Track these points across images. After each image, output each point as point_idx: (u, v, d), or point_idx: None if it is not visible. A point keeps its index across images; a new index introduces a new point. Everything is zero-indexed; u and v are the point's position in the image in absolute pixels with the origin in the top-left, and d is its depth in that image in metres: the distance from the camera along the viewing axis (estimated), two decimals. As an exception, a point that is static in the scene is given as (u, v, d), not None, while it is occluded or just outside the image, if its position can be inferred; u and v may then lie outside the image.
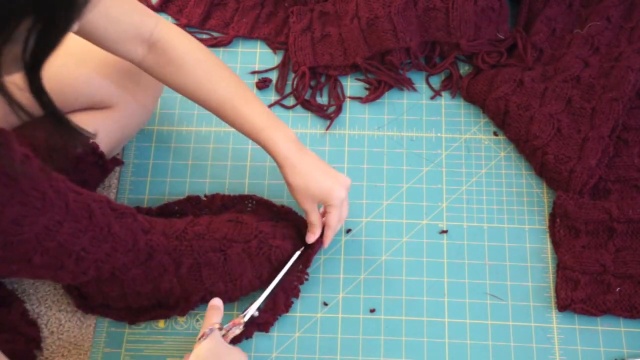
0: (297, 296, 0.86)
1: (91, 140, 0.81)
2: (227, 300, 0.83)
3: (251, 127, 0.78)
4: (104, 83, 0.81)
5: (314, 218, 0.82)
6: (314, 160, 0.81)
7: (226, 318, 0.85)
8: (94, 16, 0.65)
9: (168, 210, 0.89)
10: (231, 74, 0.79)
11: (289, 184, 0.80)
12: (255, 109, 0.78)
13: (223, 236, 0.81)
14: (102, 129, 0.82)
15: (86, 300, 0.83)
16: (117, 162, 0.89)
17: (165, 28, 0.74)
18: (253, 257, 0.81)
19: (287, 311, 0.85)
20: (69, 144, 0.75)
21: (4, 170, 0.56)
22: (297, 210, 0.89)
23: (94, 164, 0.84)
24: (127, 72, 0.82)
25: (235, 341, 0.81)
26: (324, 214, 0.83)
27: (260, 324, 0.83)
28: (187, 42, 0.76)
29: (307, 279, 0.86)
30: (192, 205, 0.89)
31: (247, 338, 0.83)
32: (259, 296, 0.82)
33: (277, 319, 0.84)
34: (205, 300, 0.83)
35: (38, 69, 0.45)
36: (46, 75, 0.66)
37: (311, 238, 0.83)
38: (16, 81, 0.45)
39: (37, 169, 0.60)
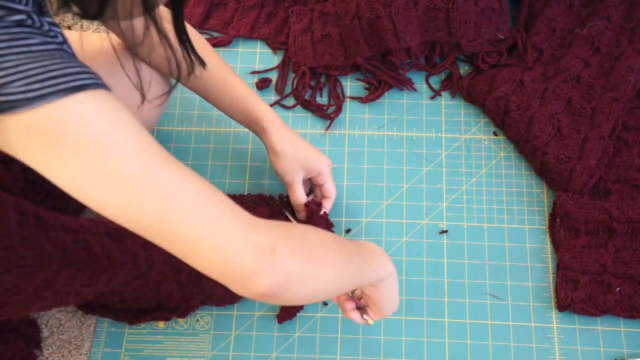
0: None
1: None
2: (228, 303, 0.83)
3: (239, 95, 0.79)
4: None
5: (301, 192, 0.81)
6: (294, 131, 0.82)
7: (225, 319, 0.85)
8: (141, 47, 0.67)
9: None
10: (210, 46, 0.81)
11: (275, 151, 0.79)
12: (239, 78, 0.80)
13: None
14: None
15: (86, 301, 0.83)
16: None
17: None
18: None
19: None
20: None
21: (1, 241, 0.55)
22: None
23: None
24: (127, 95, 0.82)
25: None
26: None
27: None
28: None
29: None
30: None
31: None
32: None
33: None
34: (205, 303, 0.83)
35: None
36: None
37: (300, 214, 0.83)
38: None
39: (33, 225, 0.60)
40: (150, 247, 0.76)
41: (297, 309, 0.85)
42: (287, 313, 0.84)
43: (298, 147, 0.80)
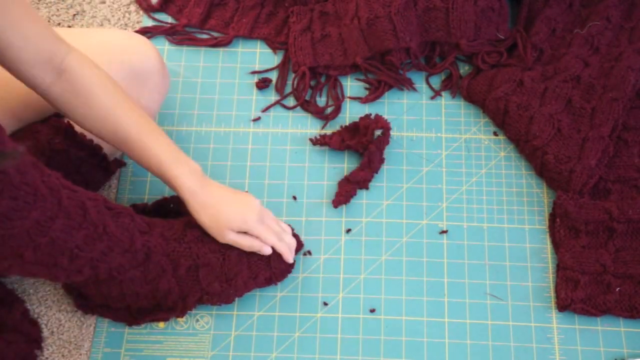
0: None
1: (94, 142, 0.81)
2: (223, 301, 0.83)
3: (157, 161, 0.76)
4: None
5: (245, 241, 0.80)
6: (219, 190, 0.79)
7: (225, 319, 0.85)
8: (10, 33, 0.64)
9: (164, 205, 0.89)
10: (137, 107, 0.77)
11: (200, 223, 0.79)
12: (162, 142, 0.77)
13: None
14: None
15: (86, 300, 0.83)
16: (119, 163, 0.89)
17: (76, 57, 0.71)
18: (250, 257, 0.82)
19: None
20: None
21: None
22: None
23: (96, 166, 0.84)
24: (133, 74, 0.82)
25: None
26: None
27: (360, 181, 0.91)
28: (97, 72, 0.73)
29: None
30: None
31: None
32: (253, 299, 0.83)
33: (373, 176, 0.92)
34: (202, 301, 0.83)
35: None
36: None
37: (266, 250, 0.81)
38: None
39: (30, 164, 0.60)
40: (148, 231, 0.77)
41: (351, 194, 0.91)
42: (342, 197, 0.90)
43: (219, 213, 0.78)
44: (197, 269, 0.80)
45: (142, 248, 0.75)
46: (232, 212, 0.78)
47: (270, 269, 0.83)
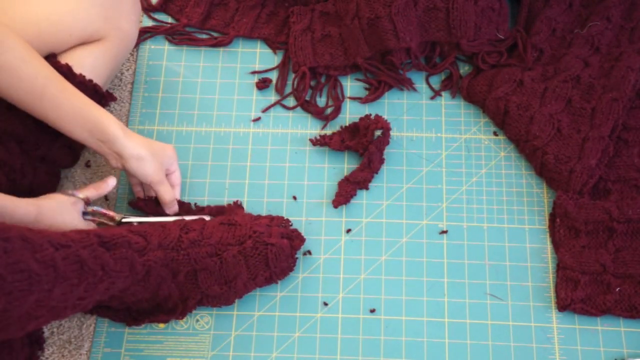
0: None
1: (87, 78, 0.83)
2: (223, 303, 0.84)
3: (82, 103, 0.77)
4: (91, 15, 0.82)
5: (171, 191, 0.85)
6: (139, 135, 0.83)
7: (225, 319, 0.86)
8: None
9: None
10: (43, 59, 0.77)
11: (136, 156, 0.80)
12: (79, 91, 0.78)
13: (218, 240, 0.81)
14: (98, 62, 0.84)
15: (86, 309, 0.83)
16: (111, 97, 0.90)
17: None
18: (248, 258, 0.81)
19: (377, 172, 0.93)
20: None
21: None
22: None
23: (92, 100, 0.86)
24: (107, 2, 0.83)
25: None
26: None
27: (360, 182, 0.91)
28: (17, 42, 0.73)
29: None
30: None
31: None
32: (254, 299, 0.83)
33: (373, 176, 0.93)
34: (202, 303, 0.83)
35: None
36: (37, 17, 0.68)
37: (172, 209, 0.86)
38: None
39: (19, 248, 0.58)
40: (145, 247, 0.76)
41: (351, 194, 0.91)
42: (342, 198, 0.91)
43: (151, 146, 0.82)
44: (195, 273, 0.80)
45: (143, 268, 0.75)
46: (160, 146, 0.84)
47: (269, 269, 0.83)
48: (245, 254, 0.81)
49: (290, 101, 0.99)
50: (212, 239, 0.80)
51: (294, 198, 0.92)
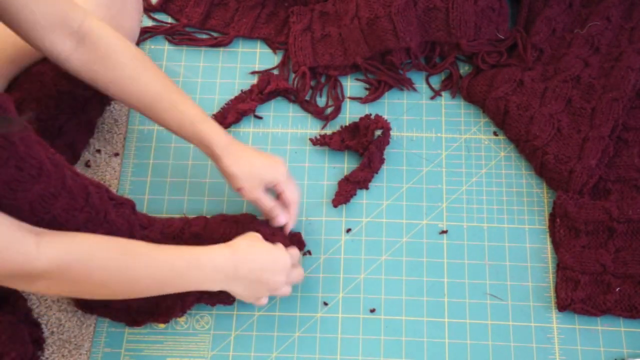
0: None
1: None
2: (222, 302, 0.84)
3: (189, 120, 0.77)
4: (97, 12, 0.82)
5: (268, 202, 0.82)
6: (247, 147, 0.82)
7: (226, 319, 0.85)
8: None
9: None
10: (159, 69, 0.78)
11: (233, 175, 0.79)
12: (190, 102, 0.78)
13: (220, 236, 0.81)
14: None
15: (86, 300, 0.83)
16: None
17: (94, 21, 0.71)
18: None
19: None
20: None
21: (2, 132, 0.55)
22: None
23: (99, 103, 0.87)
24: (112, 2, 0.83)
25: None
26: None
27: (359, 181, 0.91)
28: (117, 36, 0.73)
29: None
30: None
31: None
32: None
33: (373, 176, 0.92)
34: (200, 301, 0.83)
35: None
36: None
37: (282, 219, 0.83)
38: None
39: (35, 141, 0.60)
40: (147, 227, 0.77)
41: (351, 194, 0.91)
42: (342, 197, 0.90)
43: (252, 165, 0.80)
44: None
45: (141, 239, 0.75)
46: (265, 164, 0.80)
47: None
48: None
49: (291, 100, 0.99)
50: (214, 234, 0.81)
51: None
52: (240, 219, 0.84)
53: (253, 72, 1.01)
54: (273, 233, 0.84)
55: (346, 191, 0.91)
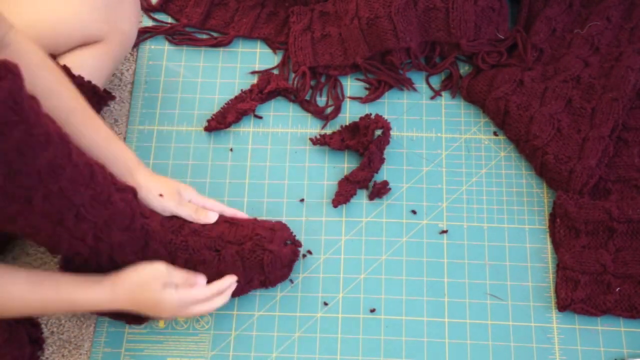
0: None
1: (86, 79, 0.83)
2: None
3: (103, 137, 0.77)
4: (92, 18, 0.82)
5: (191, 205, 0.82)
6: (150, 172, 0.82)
7: (225, 319, 0.85)
8: None
9: None
10: (75, 89, 0.76)
11: (152, 184, 0.80)
12: (102, 120, 0.78)
13: (218, 235, 0.81)
14: (98, 63, 0.85)
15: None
16: (110, 97, 0.91)
17: (18, 35, 0.70)
18: (245, 261, 0.81)
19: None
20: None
21: (12, 95, 0.56)
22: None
23: (96, 103, 0.87)
24: (108, 2, 0.83)
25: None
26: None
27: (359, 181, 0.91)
28: (38, 50, 0.73)
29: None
30: None
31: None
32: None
33: (373, 175, 0.92)
34: None
35: None
36: (37, 18, 0.66)
37: (212, 215, 0.83)
38: None
39: (43, 112, 0.61)
40: (148, 217, 0.78)
41: (351, 194, 0.91)
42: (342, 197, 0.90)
43: (167, 179, 0.82)
44: (194, 265, 0.80)
45: (142, 231, 0.75)
46: (174, 182, 0.83)
47: (264, 273, 0.83)
48: (242, 255, 0.81)
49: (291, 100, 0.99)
50: (212, 232, 0.81)
51: (302, 201, 0.92)
52: (241, 221, 0.84)
53: (253, 72, 1.01)
54: (272, 229, 0.84)
55: (346, 191, 0.91)
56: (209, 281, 0.81)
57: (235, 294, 0.83)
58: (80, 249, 0.71)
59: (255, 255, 0.81)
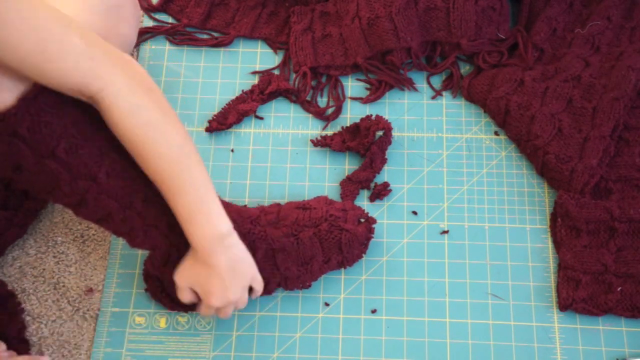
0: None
1: None
2: (300, 285, 0.84)
3: (181, 209, 0.72)
4: (92, 23, 0.81)
5: (185, 296, 0.78)
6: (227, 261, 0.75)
7: (227, 319, 0.85)
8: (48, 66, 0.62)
9: None
10: (181, 140, 0.70)
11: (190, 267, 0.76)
12: (190, 191, 0.71)
13: (293, 221, 0.82)
14: None
15: (156, 286, 0.83)
16: None
17: (113, 92, 0.66)
18: (323, 241, 0.82)
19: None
20: None
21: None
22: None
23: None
24: (110, 5, 0.82)
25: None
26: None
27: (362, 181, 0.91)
28: (131, 107, 0.67)
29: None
30: None
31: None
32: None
33: (375, 176, 0.92)
34: (281, 286, 0.83)
35: None
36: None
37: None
38: None
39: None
40: (227, 208, 0.75)
41: (355, 194, 0.91)
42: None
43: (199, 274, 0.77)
44: (274, 254, 0.80)
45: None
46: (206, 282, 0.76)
47: (342, 253, 0.83)
48: (320, 237, 0.82)
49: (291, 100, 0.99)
50: (288, 220, 0.82)
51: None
52: (313, 204, 0.85)
53: (254, 72, 1.01)
54: (344, 209, 0.85)
55: (350, 191, 0.91)
56: (291, 265, 0.81)
57: (315, 274, 0.84)
58: (157, 240, 0.71)
59: (332, 236, 0.82)
